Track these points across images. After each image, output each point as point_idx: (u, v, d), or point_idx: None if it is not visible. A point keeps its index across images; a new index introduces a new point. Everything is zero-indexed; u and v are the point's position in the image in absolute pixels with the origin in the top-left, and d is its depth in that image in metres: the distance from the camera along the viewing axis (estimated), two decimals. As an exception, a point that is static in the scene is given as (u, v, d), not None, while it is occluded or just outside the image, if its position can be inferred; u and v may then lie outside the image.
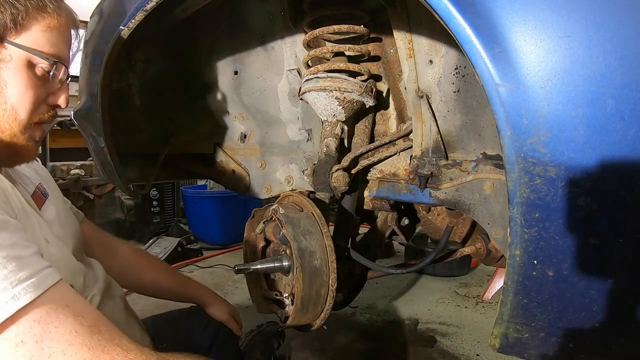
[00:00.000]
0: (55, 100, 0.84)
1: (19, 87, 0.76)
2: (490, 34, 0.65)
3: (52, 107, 0.84)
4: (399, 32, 1.06)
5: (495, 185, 0.98)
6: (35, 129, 0.82)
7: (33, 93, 0.78)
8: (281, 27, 1.34)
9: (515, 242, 0.70)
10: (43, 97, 0.81)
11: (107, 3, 1.33)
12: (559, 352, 0.74)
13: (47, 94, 0.82)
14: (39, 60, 0.78)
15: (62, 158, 3.85)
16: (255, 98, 1.53)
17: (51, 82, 0.81)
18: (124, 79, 1.52)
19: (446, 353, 2.14)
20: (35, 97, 0.79)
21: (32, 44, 0.77)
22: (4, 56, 0.75)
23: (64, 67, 0.82)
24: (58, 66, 0.80)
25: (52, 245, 0.81)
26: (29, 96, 0.77)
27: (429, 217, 1.29)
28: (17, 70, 0.76)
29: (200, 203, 4.02)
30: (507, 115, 0.65)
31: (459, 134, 1.05)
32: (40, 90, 0.80)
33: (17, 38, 0.75)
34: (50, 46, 0.79)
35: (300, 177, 1.54)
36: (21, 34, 0.75)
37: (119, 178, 1.49)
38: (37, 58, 0.77)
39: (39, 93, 0.79)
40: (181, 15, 1.29)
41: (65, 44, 0.83)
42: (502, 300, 0.75)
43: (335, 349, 2.16)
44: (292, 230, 0.99)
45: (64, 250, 0.87)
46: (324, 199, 1.19)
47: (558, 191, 0.65)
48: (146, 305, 2.19)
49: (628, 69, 0.61)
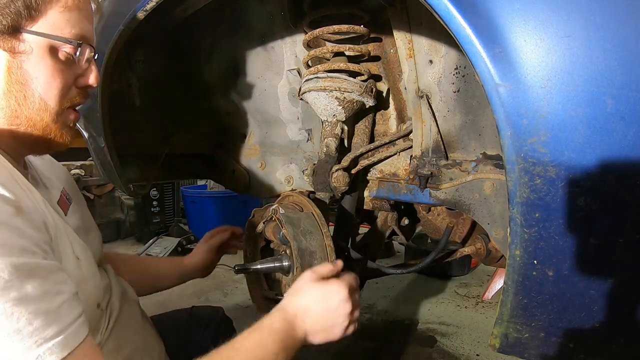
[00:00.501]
0: (85, 81, 0.79)
1: (44, 76, 0.71)
2: (490, 34, 0.65)
3: (83, 89, 0.80)
4: (399, 32, 1.06)
5: (495, 185, 0.98)
6: (68, 113, 0.78)
7: (60, 79, 0.73)
8: (281, 27, 1.34)
9: (515, 242, 0.70)
10: (71, 81, 0.77)
11: (107, 3, 1.33)
12: (559, 352, 0.74)
13: (75, 77, 0.77)
14: (61, 44, 0.72)
15: (62, 158, 3.85)
16: (255, 98, 1.53)
17: (78, 64, 0.77)
18: (124, 79, 1.52)
19: (446, 353, 2.14)
20: (63, 83, 0.74)
21: (51, 29, 0.71)
22: (23, 48, 0.69)
23: (89, 46, 0.77)
24: (83, 47, 0.75)
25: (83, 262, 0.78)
26: (57, 84, 0.73)
27: (429, 217, 1.29)
28: (40, 60, 0.71)
29: (200, 203, 4.03)
30: (507, 115, 0.65)
31: (459, 134, 1.05)
32: (68, 75, 0.75)
33: (34, 26, 0.70)
34: (71, 27, 0.73)
35: (300, 177, 1.54)
36: (37, 20, 0.70)
37: (119, 178, 1.49)
38: (59, 42, 0.72)
39: (66, 78, 0.75)
40: (181, 15, 1.29)
41: (87, 21, 0.77)
42: (502, 300, 0.75)
43: (335, 349, 2.16)
44: (292, 230, 0.99)
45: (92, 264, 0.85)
46: (324, 199, 1.19)
47: (558, 191, 0.65)
48: (146, 305, 2.19)
49: (628, 69, 0.61)
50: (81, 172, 3.62)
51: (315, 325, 0.82)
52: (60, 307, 0.60)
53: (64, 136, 0.78)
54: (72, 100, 0.78)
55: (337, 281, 0.86)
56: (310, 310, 0.82)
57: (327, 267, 0.89)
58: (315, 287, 0.84)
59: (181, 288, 2.88)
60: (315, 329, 0.82)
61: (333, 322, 0.83)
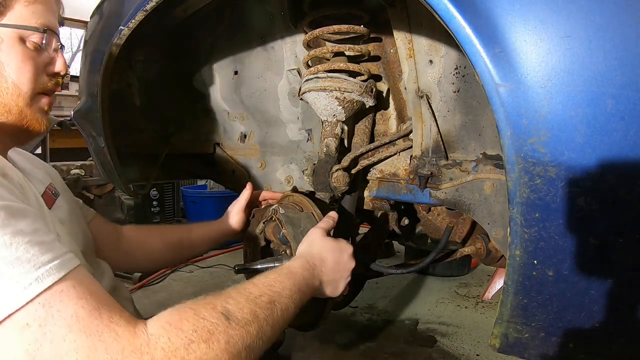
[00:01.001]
0: (53, 68, 0.85)
1: (15, 62, 0.78)
2: (490, 34, 0.65)
3: (53, 76, 0.86)
4: (399, 32, 1.06)
5: (495, 185, 0.98)
6: (40, 98, 0.84)
7: (30, 65, 0.80)
8: (281, 27, 1.34)
9: (515, 242, 0.70)
10: (41, 67, 0.83)
11: (107, 3, 1.33)
12: (559, 352, 0.74)
13: (45, 64, 0.84)
14: (28, 33, 0.80)
15: (62, 158, 3.85)
16: (255, 98, 1.53)
17: (46, 51, 0.83)
18: (124, 79, 1.53)
19: (446, 353, 2.14)
20: (33, 68, 0.80)
21: (18, 20, 0.78)
22: None
23: (55, 36, 0.85)
24: (48, 35, 0.82)
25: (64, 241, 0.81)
26: (27, 69, 0.80)
27: (429, 217, 1.29)
28: (11, 48, 0.78)
29: (200, 203, 4.02)
30: (507, 115, 0.65)
31: (459, 134, 1.05)
32: (37, 61, 0.81)
33: (3, 19, 0.77)
34: (37, 18, 0.80)
35: (300, 177, 1.54)
36: (5, 14, 0.78)
37: (119, 178, 1.49)
38: (27, 32, 0.79)
39: (36, 64, 0.81)
40: (181, 15, 1.29)
41: (51, 13, 0.84)
42: (502, 300, 0.75)
43: (335, 349, 2.16)
44: (292, 230, 0.99)
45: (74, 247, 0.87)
46: (324, 199, 1.19)
47: (558, 191, 0.65)
48: (146, 305, 2.19)
49: (628, 69, 0.61)
50: (81, 172, 3.61)
51: (328, 275, 0.89)
52: (52, 241, 0.65)
53: (39, 120, 0.84)
54: (43, 86, 0.84)
55: (343, 239, 0.94)
56: (327, 261, 0.89)
57: (329, 222, 0.97)
58: (327, 241, 0.91)
59: (181, 287, 2.89)
60: (328, 279, 0.89)
61: (341, 276, 0.91)
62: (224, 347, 0.64)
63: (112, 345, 0.57)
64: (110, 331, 0.58)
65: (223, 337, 0.64)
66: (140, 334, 0.60)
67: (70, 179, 3.50)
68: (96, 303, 0.60)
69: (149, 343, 0.59)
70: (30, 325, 0.56)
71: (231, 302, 0.69)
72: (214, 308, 0.67)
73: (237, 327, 0.66)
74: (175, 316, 0.64)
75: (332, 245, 0.91)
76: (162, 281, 2.98)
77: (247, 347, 0.67)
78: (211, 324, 0.64)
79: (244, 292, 0.74)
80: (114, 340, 0.58)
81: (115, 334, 0.59)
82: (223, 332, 0.64)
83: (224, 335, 0.64)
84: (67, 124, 3.69)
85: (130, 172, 1.63)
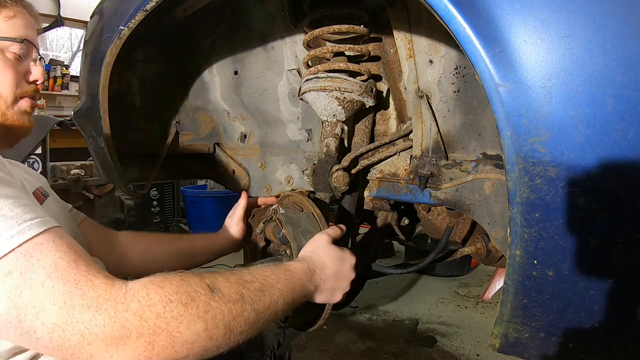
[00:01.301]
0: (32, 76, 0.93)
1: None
2: (490, 34, 0.65)
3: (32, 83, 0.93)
4: (399, 32, 1.06)
5: (495, 185, 0.98)
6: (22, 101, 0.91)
7: (11, 73, 0.88)
8: (281, 27, 1.34)
9: (515, 242, 0.70)
10: (21, 75, 0.91)
11: (107, 3, 1.33)
12: (559, 352, 0.74)
13: (24, 72, 0.92)
14: (7, 44, 0.87)
15: (62, 158, 3.85)
16: (255, 98, 1.53)
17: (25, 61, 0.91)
18: (124, 79, 1.52)
19: (446, 353, 2.14)
20: (14, 75, 0.88)
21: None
22: None
23: (33, 47, 0.93)
24: (26, 45, 0.90)
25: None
26: (7, 75, 0.87)
27: (429, 217, 1.29)
28: None
29: (200, 203, 4.03)
30: (507, 115, 0.65)
31: (459, 134, 1.05)
32: (17, 69, 0.89)
33: None
34: (15, 31, 0.88)
35: (300, 177, 1.54)
36: None
37: (119, 178, 1.49)
38: (6, 42, 0.87)
39: (16, 72, 0.89)
40: (181, 15, 1.29)
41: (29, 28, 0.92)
42: (502, 300, 0.75)
43: (335, 349, 2.16)
44: (292, 230, 0.99)
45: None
46: (324, 199, 1.19)
47: (558, 191, 0.65)
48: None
49: (628, 69, 0.61)
50: (81, 172, 3.62)
51: (326, 283, 0.88)
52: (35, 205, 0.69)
53: (21, 121, 0.90)
54: (24, 91, 0.91)
55: (348, 249, 0.94)
56: (326, 268, 0.89)
57: (337, 231, 0.97)
58: (332, 249, 0.91)
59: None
60: (324, 287, 0.88)
61: (339, 285, 0.91)
62: (201, 315, 0.64)
63: (88, 293, 0.60)
64: (87, 281, 0.61)
65: (203, 305, 0.65)
66: (118, 286, 0.62)
67: (70, 179, 3.50)
68: (75, 256, 0.64)
69: (126, 294, 0.61)
70: (12, 273, 0.59)
71: (220, 279, 0.70)
72: (202, 279, 0.68)
73: (220, 301, 0.67)
74: (160, 277, 0.66)
75: (336, 255, 0.91)
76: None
77: (226, 324, 0.67)
78: (194, 290, 0.65)
79: (236, 274, 0.75)
80: (91, 288, 0.61)
81: (92, 283, 0.61)
82: (204, 301, 0.65)
83: (204, 304, 0.65)
84: (67, 124, 3.69)
85: (130, 172, 1.63)
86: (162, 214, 4.25)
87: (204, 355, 0.66)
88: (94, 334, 0.59)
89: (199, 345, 0.64)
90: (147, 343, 0.61)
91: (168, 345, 0.62)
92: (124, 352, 0.60)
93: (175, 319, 0.62)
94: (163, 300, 0.62)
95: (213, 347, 0.66)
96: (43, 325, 0.59)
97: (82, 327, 0.58)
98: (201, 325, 0.64)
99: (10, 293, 0.59)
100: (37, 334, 0.59)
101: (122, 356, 0.60)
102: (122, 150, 1.47)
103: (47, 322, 0.59)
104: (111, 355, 0.60)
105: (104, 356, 0.60)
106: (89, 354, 0.60)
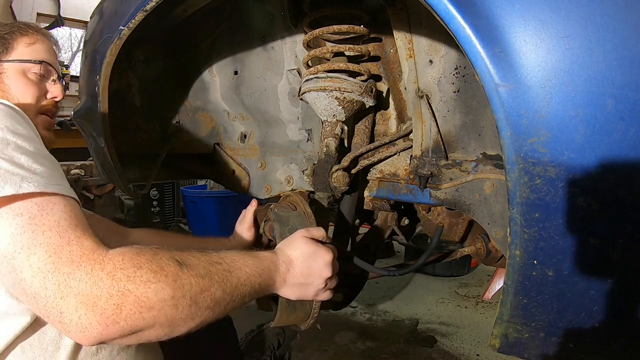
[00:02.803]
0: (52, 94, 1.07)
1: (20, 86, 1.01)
2: (490, 34, 0.65)
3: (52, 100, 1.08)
4: (399, 32, 1.06)
5: (495, 185, 0.98)
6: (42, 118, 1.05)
7: (32, 91, 1.03)
8: (281, 27, 1.34)
9: (515, 242, 0.70)
10: (42, 93, 1.05)
11: (107, 3, 1.33)
12: (559, 352, 0.74)
13: (44, 91, 1.06)
14: (29, 66, 1.03)
15: (62, 158, 3.85)
16: (255, 98, 1.53)
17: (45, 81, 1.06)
18: (124, 79, 1.52)
19: (446, 353, 2.14)
20: (35, 93, 1.03)
21: (20, 57, 1.02)
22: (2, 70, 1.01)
23: (52, 68, 1.07)
24: (45, 67, 1.05)
25: None
26: (29, 93, 1.02)
27: (429, 217, 1.29)
28: (15, 77, 1.01)
29: (200, 203, 4.03)
30: (507, 115, 0.65)
31: (459, 134, 1.05)
32: (38, 88, 1.04)
33: (9, 57, 1.02)
34: (35, 55, 1.04)
35: (300, 177, 1.54)
36: (11, 53, 1.02)
37: (119, 178, 1.49)
38: (27, 65, 1.03)
39: (37, 90, 1.04)
40: (181, 15, 1.29)
41: (47, 52, 1.07)
42: (502, 300, 0.75)
43: (335, 349, 2.17)
44: (279, 228, 1.01)
45: None
46: (323, 199, 1.19)
47: (558, 191, 0.65)
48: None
49: (628, 69, 0.61)
50: (81, 172, 3.61)
51: (295, 278, 0.88)
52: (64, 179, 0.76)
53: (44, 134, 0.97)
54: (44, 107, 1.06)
55: (326, 246, 0.93)
56: (296, 262, 0.89)
57: (320, 231, 0.96)
58: (306, 245, 0.91)
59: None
60: (293, 282, 0.89)
61: (311, 281, 0.90)
62: (170, 283, 0.68)
63: (76, 250, 0.67)
64: (78, 242, 0.68)
65: (171, 275, 0.69)
66: (101, 250, 0.68)
67: (70, 179, 3.50)
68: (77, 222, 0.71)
69: (104, 257, 0.67)
70: (23, 215, 0.67)
71: (190, 257, 0.75)
72: (172, 254, 0.73)
73: (188, 274, 0.71)
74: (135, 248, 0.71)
75: (309, 250, 0.90)
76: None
77: (193, 297, 0.70)
78: (165, 263, 0.70)
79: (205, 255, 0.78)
80: (78, 248, 0.67)
81: (80, 244, 0.68)
82: (172, 272, 0.70)
83: (172, 275, 0.69)
84: (67, 124, 3.69)
85: (130, 172, 1.63)
86: (162, 214, 4.25)
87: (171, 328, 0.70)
88: (69, 286, 0.63)
89: (165, 314, 0.68)
90: (116, 306, 0.64)
91: (135, 310, 0.65)
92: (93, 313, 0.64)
93: (144, 283, 0.66)
94: (135, 265, 0.67)
95: (179, 319, 0.70)
96: (30, 267, 0.64)
97: (61, 278, 0.64)
98: (168, 292, 0.68)
99: (15, 230, 0.66)
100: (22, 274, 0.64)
101: (90, 318, 0.64)
102: (122, 150, 1.47)
103: (34, 265, 0.64)
104: (79, 315, 0.63)
105: (73, 315, 0.63)
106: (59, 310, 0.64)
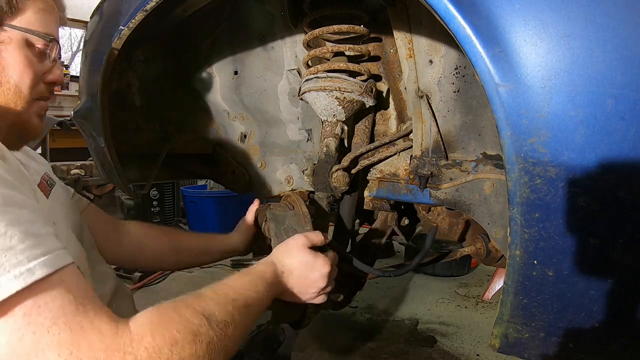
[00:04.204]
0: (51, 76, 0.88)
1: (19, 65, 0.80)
2: (490, 34, 0.65)
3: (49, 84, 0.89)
4: (399, 32, 1.06)
5: (495, 185, 0.98)
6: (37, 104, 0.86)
7: (32, 71, 0.82)
8: (281, 27, 1.34)
9: (515, 242, 0.70)
10: (40, 74, 0.85)
11: (107, 3, 1.33)
12: (559, 352, 0.74)
13: (44, 72, 0.86)
14: (35, 39, 0.82)
15: (62, 158, 3.85)
16: (255, 98, 1.53)
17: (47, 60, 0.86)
18: (124, 79, 1.52)
19: (446, 353, 2.14)
20: (34, 74, 0.83)
21: (28, 25, 0.80)
22: (3, 38, 0.79)
23: (57, 46, 0.88)
24: (52, 44, 0.85)
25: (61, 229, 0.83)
26: (29, 73, 0.82)
27: (429, 217, 1.29)
28: (17, 50, 0.80)
29: (200, 203, 4.02)
30: (507, 115, 0.65)
31: (459, 134, 1.05)
32: (38, 68, 0.84)
33: (13, 21, 0.79)
34: (44, 27, 0.83)
35: (300, 177, 1.54)
36: (17, 16, 0.79)
37: (119, 178, 1.49)
38: (34, 37, 0.82)
39: (37, 71, 0.83)
40: (181, 15, 1.29)
41: (55, 24, 0.88)
42: (502, 300, 0.75)
43: (335, 349, 2.16)
44: (274, 227, 1.02)
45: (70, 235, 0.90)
46: (323, 199, 1.19)
47: (558, 191, 0.65)
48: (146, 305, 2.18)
49: (628, 69, 0.61)
50: (81, 172, 3.61)
51: (292, 287, 0.90)
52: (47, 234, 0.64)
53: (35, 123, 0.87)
54: (40, 92, 0.86)
55: (324, 257, 0.92)
56: (294, 273, 0.90)
57: (319, 236, 0.95)
58: (304, 255, 0.91)
59: (181, 288, 2.89)
60: (290, 291, 0.90)
61: (306, 291, 0.91)
62: (206, 349, 0.65)
63: (96, 343, 0.57)
64: (94, 328, 0.58)
65: (205, 338, 0.65)
66: (124, 333, 0.60)
67: (70, 179, 3.50)
68: (83, 299, 0.60)
69: (132, 342, 0.59)
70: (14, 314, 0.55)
71: (211, 304, 0.71)
72: (195, 309, 0.68)
73: (217, 329, 0.68)
74: (157, 315, 0.65)
75: (307, 260, 0.90)
76: (162, 281, 2.98)
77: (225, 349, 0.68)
78: (194, 325, 0.65)
79: (221, 293, 0.75)
80: (98, 338, 0.57)
81: (99, 331, 0.58)
82: (205, 333, 0.66)
83: (205, 337, 0.65)
84: (67, 124, 3.68)
85: (130, 172, 1.63)
86: (162, 214, 4.24)
87: None
88: None
89: None
90: None
91: None
92: None
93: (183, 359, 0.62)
94: (169, 343, 0.61)
95: None
96: None
97: None
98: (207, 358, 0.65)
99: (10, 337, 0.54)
100: None
101: None
102: (122, 150, 1.46)
103: None
104: None
105: None
106: None
